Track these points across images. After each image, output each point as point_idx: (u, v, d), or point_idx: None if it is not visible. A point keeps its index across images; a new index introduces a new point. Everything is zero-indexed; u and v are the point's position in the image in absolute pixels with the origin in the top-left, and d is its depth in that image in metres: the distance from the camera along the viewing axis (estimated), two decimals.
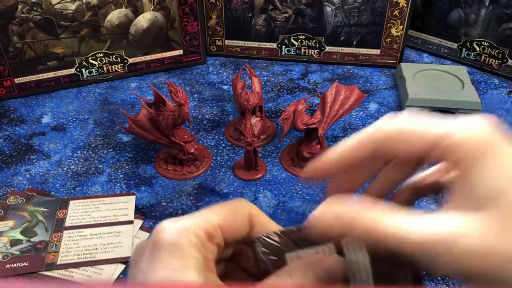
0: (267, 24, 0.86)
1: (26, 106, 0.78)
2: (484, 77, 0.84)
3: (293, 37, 0.87)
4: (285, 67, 0.88)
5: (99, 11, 0.78)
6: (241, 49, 0.90)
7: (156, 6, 0.80)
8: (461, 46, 0.87)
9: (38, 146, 0.69)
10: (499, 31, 0.81)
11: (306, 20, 0.85)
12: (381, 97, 0.79)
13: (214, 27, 0.88)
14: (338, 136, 0.70)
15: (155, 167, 0.65)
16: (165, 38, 0.84)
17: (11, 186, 0.63)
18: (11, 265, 0.52)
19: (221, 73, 0.86)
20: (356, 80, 0.84)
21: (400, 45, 0.84)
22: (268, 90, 0.81)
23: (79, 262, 0.52)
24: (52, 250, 0.54)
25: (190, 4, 0.82)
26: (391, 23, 0.83)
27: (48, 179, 0.64)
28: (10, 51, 0.76)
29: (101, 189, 0.62)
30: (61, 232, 0.56)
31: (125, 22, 0.80)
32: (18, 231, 0.56)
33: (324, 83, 0.83)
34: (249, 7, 0.85)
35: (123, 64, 0.83)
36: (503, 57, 0.83)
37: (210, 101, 0.79)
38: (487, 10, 0.81)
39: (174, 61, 0.86)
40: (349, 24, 0.84)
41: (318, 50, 0.87)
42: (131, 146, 0.69)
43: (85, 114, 0.76)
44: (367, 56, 0.87)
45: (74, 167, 0.66)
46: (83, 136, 0.71)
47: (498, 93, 0.81)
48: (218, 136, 0.71)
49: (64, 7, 0.76)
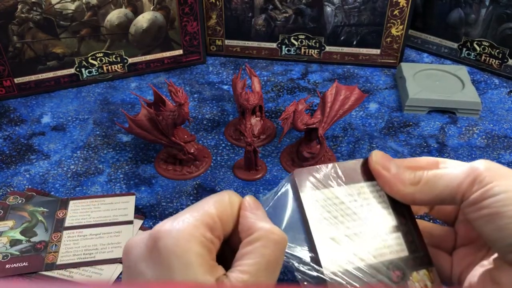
0: (267, 24, 0.86)
1: (26, 106, 0.78)
2: (484, 77, 0.84)
3: (293, 37, 0.87)
4: (285, 67, 0.88)
5: (99, 11, 0.78)
6: (241, 49, 0.89)
7: (156, 6, 0.80)
8: (461, 46, 0.86)
9: (38, 146, 0.69)
10: (500, 31, 0.81)
11: (306, 20, 0.85)
12: (381, 97, 0.79)
13: (214, 27, 0.88)
14: (338, 136, 0.70)
15: (155, 167, 0.65)
16: (165, 38, 0.84)
17: (10, 186, 0.63)
18: (10, 265, 0.52)
19: (221, 73, 0.86)
20: (356, 80, 0.84)
21: (400, 45, 0.84)
22: (268, 90, 0.81)
23: (79, 262, 0.52)
24: (52, 250, 0.54)
25: (190, 4, 0.81)
26: (391, 23, 0.82)
27: (48, 179, 0.64)
28: (10, 51, 0.76)
29: (101, 189, 0.62)
30: (61, 232, 0.56)
31: (125, 22, 0.80)
32: (17, 231, 0.56)
33: (324, 83, 0.83)
34: (249, 7, 0.85)
35: (123, 64, 0.83)
36: (504, 57, 0.82)
37: (210, 101, 0.79)
38: (487, 10, 0.81)
39: (174, 61, 0.86)
40: (349, 24, 0.84)
41: (318, 50, 0.87)
42: (131, 146, 0.69)
43: (85, 114, 0.76)
44: (367, 56, 0.87)
45: (74, 167, 0.65)
46: (83, 136, 0.71)
47: (499, 93, 0.80)
48: (218, 136, 0.71)
49: (63, 7, 0.76)
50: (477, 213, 0.30)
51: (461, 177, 0.31)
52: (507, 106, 0.77)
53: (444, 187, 0.31)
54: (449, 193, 0.31)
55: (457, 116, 0.74)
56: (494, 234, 0.29)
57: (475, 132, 0.71)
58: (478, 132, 0.72)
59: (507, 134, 0.71)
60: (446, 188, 0.31)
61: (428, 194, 0.32)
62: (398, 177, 0.33)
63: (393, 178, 0.33)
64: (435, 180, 0.32)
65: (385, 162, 0.34)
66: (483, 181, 0.30)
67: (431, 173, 0.32)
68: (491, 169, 0.30)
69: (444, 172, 0.32)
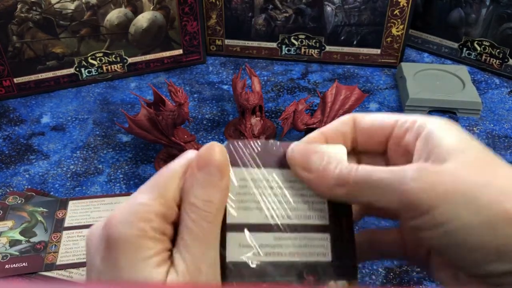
0: (267, 23, 0.86)
1: (26, 106, 0.78)
2: (485, 77, 0.84)
3: (293, 36, 0.87)
4: (285, 67, 0.87)
5: (99, 11, 0.78)
6: (241, 49, 0.89)
7: (155, 5, 0.80)
8: (462, 46, 0.86)
9: (37, 146, 0.69)
10: (500, 30, 0.81)
11: (306, 20, 0.85)
12: (382, 97, 0.79)
13: (214, 27, 0.88)
14: None
15: (155, 167, 0.65)
16: (165, 38, 0.84)
17: (10, 186, 0.62)
18: (10, 265, 0.52)
19: (221, 73, 0.86)
20: (357, 80, 0.84)
21: (400, 45, 0.84)
22: (268, 90, 0.81)
23: (78, 263, 0.52)
24: (51, 250, 0.53)
25: (189, 4, 0.81)
26: (391, 23, 0.82)
27: (47, 179, 0.63)
28: (9, 51, 0.75)
29: (101, 189, 0.62)
30: (61, 232, 0.56)
31: (125, 22, 0.80)
32: (17, 231, 0.56)
33: (324, 83, 0.83)
34: (249, 7, 0.85)
35: (122, 63, 0.83)
36: (504, 57, 0.82)
37: (210, 101, 0.78)
38: (487, 10, 0.81)
39: (174, 60, 0.86)
40: (349, 23, 0.84)
41: (318, 49, 0.87)
42: (130, 146, 0.69)
43: (85, 114, 0.76)
44: (368, 55, 0.86)
45: (74, 167, 0.65)
46: (82, 136, 0.71)
47: (499, 93, 0.80)
48: (218, 136, 0.71)
49: (63, 6, 0.76)
50: (423, 240, 0.25)
51: (394, 196, 0.25)
52: (507, 106, 0.77)
53: (374, 198, 0.26)
54: (382, 206, 0.26)
55: (457, 116, 0.74)
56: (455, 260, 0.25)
57: (475, 132, 0.71)
58: (479, 132, 0.71)
59: (507, 134, 0.71)
60: (376, 200, 0.26)
61: (357, 199, 0.27)
62: (321, 178, 0.27)
63: (315, 179, 0.27)
64: (363, 187, 0.26)
65: (304, 160, 0.28)
66: (420, 208, 0.24)
67: (360, 176, 0.26)
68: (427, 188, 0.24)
69: (374, 179, 0.26)
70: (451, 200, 0.24)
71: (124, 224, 0.24)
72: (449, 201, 0.24)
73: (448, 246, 0.24)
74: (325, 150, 0.28)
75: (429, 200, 0.24)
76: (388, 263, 0.53)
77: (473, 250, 0.24)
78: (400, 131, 0.29)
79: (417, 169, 0.25)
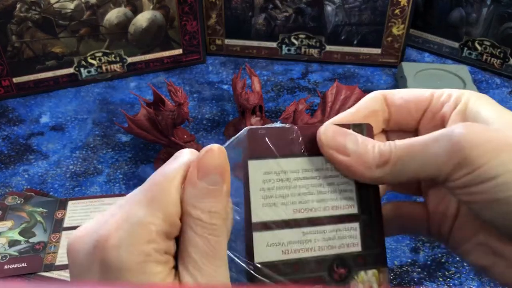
0: (267, 23, 0.86)
1: (25, 106, 0.78)
2: (485, 77, 0.84)
3: (293, 36, 0.86)
4: (285, 67, 0.87)
5: (98, 10, 0.78)
6: (241, 49, 0.89)
7: (155, 5, 0.80)
8: (463, 45, 0.86)
9: (36, 146, 0.69)
10: (501, 30, 0.81)
11: (307, 19, 0.85)
12: None
13: (214, 26, 0.87)
14: None
15: (155, 167, 0.65)
16: (165, 37, 0.83)
17: (9, 186, 0.62)
18: (9, 266, 0.52)
19: (221, 73, 0.86)
20: (357, 80, 0.84)
21: (401, 44, 0.84)
22: (268, 89, 0.81)
23: None
24: (50, 251, 0.53)
25: (189, 3, 0.81)
26: (392, 22, 0.82)
27: (46, 179, 0.63)
28: (8, 51, 0.75)
29: (100, 190, 0.62)
30: (60, 232, 0.55)
31: (124, 21, 0.80)
32: (16, 231, 0.55)
33: (324, 82, 0.83)
34: (249, 6, 0.84)
35: (122, 63, 0.83)
36: (505, 57, 0.82)
37: (210, 100, 0.78)
38: (488, 9, 0.81)
39: (174, 60, 0.86)
40: (349, 23, 0.84)
41: (319, 49, 0.87)
42: (130, 146, 0.69)
43: (84, 114, 0.75)
44: (368, 55, 0.86)
45: (73, 167, 0.65)
46: (82, 136, 0.71)
47: (500, 92, 0.80)
48: (218, 136, 0.70)
49: (62, 6, 0.75)
50: (470, 197, 0.25)
51: (442, 157, 0.25)
52: (508, 105, 0.77)
53: (420, 168, 0.25)
54: (427, 175, 0.25)
55: None
56: (496, 220, 0.25)
57: None
58: None
59: None
60: (422, 170, 0.25)
61: (400, 177, 0.26)
62: (360, 160, 0.26)
63: (353, 162, 0.26)
64: (407, 159, 0.25)
65: (339, 142, 0.26)
66: (472, 163, 0.24)
67: (401, 149, 0.25)
68: (478, 143, 0.24)
69: (418, 148, 0.25)
70: (503, 154, 0.24)
71: (125, 249, 0.22)
72: (501, 155, 0.24)
73: (496, 200, 0.24)
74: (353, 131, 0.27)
75: (482, 154, 0.24)
76: (389, 263, 0.52)
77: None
78: (437, 104, 0.29)
79: (465, 126, 0.25)
